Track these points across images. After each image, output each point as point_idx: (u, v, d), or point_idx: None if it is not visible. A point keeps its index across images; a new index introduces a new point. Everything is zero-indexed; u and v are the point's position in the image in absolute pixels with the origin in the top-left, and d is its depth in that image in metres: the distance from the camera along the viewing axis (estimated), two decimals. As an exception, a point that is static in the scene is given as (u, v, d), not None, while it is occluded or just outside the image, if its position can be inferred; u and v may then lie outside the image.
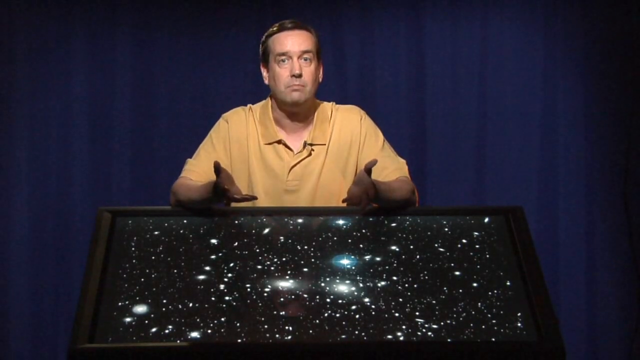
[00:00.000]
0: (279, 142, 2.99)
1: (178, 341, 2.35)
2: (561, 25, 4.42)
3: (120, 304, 2.46)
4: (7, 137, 4.39)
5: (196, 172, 2.93)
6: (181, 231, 2.71)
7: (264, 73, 3.03)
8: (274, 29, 3.00)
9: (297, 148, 2.99)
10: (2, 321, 4.36)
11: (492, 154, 4.44)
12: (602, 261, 4.38)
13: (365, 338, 2.37)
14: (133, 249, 2.64)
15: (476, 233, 2.70)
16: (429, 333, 2.39)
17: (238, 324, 2.40)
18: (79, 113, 4.43)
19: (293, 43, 2.94)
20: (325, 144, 2.99)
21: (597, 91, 4.40)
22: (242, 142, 2.99)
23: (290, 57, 2.94)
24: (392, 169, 2.94)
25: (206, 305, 2.45)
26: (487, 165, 4.45)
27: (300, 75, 2.92)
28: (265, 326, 2.39)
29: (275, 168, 2.96)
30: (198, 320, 2.41)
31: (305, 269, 2.57)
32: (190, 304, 2.46)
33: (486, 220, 2.75)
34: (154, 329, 2.38)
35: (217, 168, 2.67)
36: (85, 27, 4.43)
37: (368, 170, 2.68)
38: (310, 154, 2.98)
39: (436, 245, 2.66)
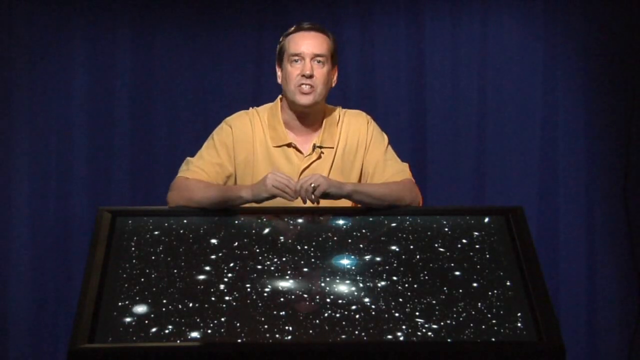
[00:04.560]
0: (289, 145, 2.98)
1: (178, 341, 2.35)
2: (561, 25, 4.42)
3: (120, 304, 2.46)
4: (7, 137, 4.39)
5: (204, 175, 2.92)
6: (181, 231, 2.70)
7: (278, 72, 3.02)
8: (292, 29, 3.00)
9: (306, 151, 2.98)
10: (2, 321, 4.36)
11: (492, 154, 4.44)
12: (602, 261, 4.38)
13: (365, 338, 2.37)
14: (133, 249, 2.64)
15: (476, 233, 2.70)
16: (429, 333, 2.39)
17: (238, 324, 2.40)
18: (78, 113, 4.43)
19: (307, 45, 2.94)
20: (333, 147, 2.99)
21: (597, 91, 4.40)
22: (247, 146, 2.97)
23: (303, 57, 2.93)
24: (392, 172, 2.95)
25: (206, 305, 2.45)
26: (487, 165, 4.45)
27: (311, 76, 2.91)
28: (265, 326, 2.39)
29: (285, 171, 2.95)
30: (198, 320, 2.41)
31: (305, 269, 2.57)
32: (190, 304, 2.46)
33: (486, 220, 2.75)
34: (154, 329, 2.38)
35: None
36: (85, 28, 4.43)
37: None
38: (320, 157, 2.98)
39: (436, 245, 2.67)
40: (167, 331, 2.38)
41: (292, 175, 2.93)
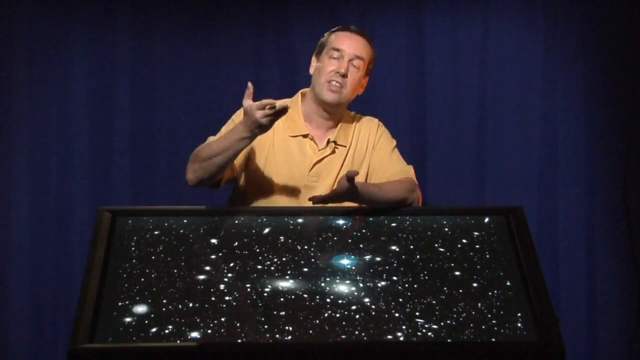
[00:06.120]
0: (306, 136, 3.02)
1: (178, 341, 2.35)
2: (561, 25, 4.42)
3: (120, 304, 2.46)
4: (7, 137, 4.38)
5: None
6: (181, 231, 2.71)
7: (313, 62, 3.09)
8: (339, 27, 3.10)
9: (321, 145, 3.05)
10: (2, 321, 4.36)
11: (492, 154, 4.44)
12: (602, 261, 4.37)
13: (365, 338, 2.37)
14: (133, 249, 2.64)
15: (476, 233, 2.70)
16: (429, 333, 2.39)
17: (238, 324, 2.40)
18: (79, 113, 4.43)
19: (350, 44, 3.02)
20: (346, 146, 3.06)
21: (597, 91, 4.39)
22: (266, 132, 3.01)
23: (342, 55, 3.01)
24: (395, 171, 2.99)
25: (206, 305, 2.45)
26: (487, 165, 4.44)
27: (344, 76, 2.98)
28: (265, 326, 2.39)
29: (298, 161, 2.99)
30: (198, 320, 2.41)
31: (305, 269, 2.57)
32: (190, 304, 2.46)
33: (486, 220, 2.75)
34: (154, 329, 2.38)
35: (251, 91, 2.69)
36: (85, 28, 4.43)
37: (349, 179, 2.71)
38: (333, 152, 3.02)
39: (436, 245, 2.67)
40: (167, 331, 2.38)
41: (304, 167, 2.97)
